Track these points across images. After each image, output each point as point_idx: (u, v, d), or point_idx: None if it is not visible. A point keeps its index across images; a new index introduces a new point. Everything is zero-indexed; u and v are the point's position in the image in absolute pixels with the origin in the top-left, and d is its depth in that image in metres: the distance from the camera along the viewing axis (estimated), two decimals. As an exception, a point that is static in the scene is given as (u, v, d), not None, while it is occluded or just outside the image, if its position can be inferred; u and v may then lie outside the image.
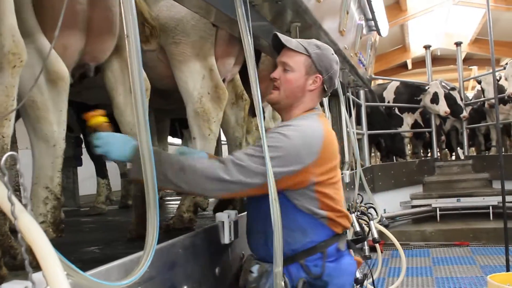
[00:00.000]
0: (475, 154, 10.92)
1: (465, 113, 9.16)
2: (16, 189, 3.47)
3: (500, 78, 8.71)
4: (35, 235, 0.96)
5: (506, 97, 8.15)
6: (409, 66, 15.95)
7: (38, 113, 1.81)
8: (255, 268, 1.95)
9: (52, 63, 1.86)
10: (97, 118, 1.96)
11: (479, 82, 9.49)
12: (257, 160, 1.83)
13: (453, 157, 11.64)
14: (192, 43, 2.71)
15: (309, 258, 1.95)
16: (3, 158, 0.96)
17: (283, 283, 1.74)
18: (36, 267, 0.98)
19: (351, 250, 2.15)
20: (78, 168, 4.61)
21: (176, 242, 1.78)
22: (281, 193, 1.93)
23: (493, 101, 7.19)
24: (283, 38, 2.10)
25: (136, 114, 1.41)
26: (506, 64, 8.48)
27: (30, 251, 0.98)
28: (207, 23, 2.70)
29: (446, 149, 11.44)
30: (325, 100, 4.11)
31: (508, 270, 5.13)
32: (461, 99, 9.33)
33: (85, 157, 4.20)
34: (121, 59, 2.33)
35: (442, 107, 8.99)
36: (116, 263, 1.41)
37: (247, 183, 1.83)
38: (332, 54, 2.18)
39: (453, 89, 9.26)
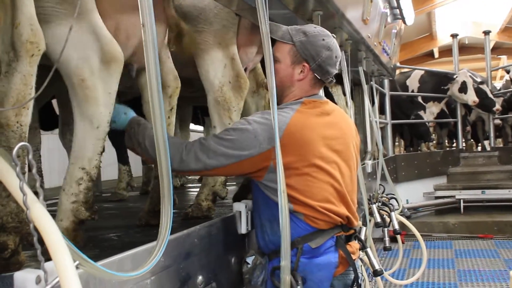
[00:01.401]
0: (501, 145, 10.71)
1: (497, 106, 8.97)
2: (39, 174, 3.54)
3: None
4: (46, 225, 0.97)
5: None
6: (436, 55, 15.69)
7: (86, 92, 1.80)
8: (250, 259, 1.96)
9: (107, 43, 1.85)
10: None
11: (508, 72, 9.29)
12: (221, 142, 1.88)
13: (479, 148, 11.45)
14: (215, 31, 2.69)
15: None
16: (15, 149, 0.96)
17: (288, 278, 1.70)
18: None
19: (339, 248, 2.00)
20: (100, 154, 4.65)
21: (192, 231, 1.78)
22: (254, 182, 1.99)
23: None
24: (271, 27, 2.01)
25: (151, 104, 1.41)
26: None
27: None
28: (229, 12, 2.68)
29: (472, 140, 11.25)
30: (347, 89, 4.07)
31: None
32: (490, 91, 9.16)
33: (107, 143, 4.23)
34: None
35: (471, 97, 8.81)
36: (130, 253, 1.42)
37: (206, 164, 1.88)
38: (323, 40, 2.07)
39: (481, 83, 9.07)
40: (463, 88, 8.91)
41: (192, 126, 6.14)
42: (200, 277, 1.75)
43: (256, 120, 1.92)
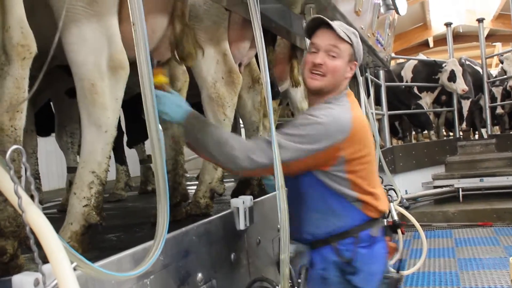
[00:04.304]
0: (499, 133, 10.72)
1: (464, 86, 8.98)
2: (36, 176, 3.54)
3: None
4: (42, 228, 0.97)
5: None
6: (431, 44, 15.68)
7: (95, 97, 1.82)
8: (292, 248, 1.95)
9: (118, 51, 1.87)
10: (159, 76, 1.97)
11: (502, 62, 9.30)
12: (292, 138, 1.89)
13: (476, 136, 11.46)
14: (205, 28, 2.69)
15: (341, 241, 1.96)
16: (8, 153, 0.96)
17: (287, 270, 1.73)
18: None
19: (386, 237, 2.12)
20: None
21: (190, 229, 1.79)
22: (314, 175, 1.98)
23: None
24: (333, 23, 2.07)
25: (144, 103, 1.41)
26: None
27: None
28: (219, 7, 2.67)
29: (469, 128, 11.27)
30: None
31: (531, 251, 5.07)
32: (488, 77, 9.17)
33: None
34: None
35: (460, 85, 8.82)
36: (128, 252, 1.42)
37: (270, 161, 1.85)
38: (360, 40, 2.20)
39: None
40: (451, 77, 8.92)
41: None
42: (199, 275, 1.75)
43: (322, 113, 1.96)
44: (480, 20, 9.98)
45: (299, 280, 2.26)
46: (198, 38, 2.69)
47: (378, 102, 7.97)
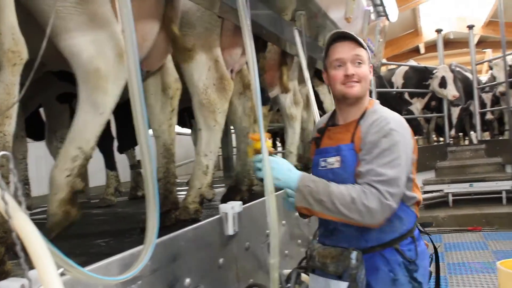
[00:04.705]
0: (488, 138, 10.81)
1: (454, 92, 9.06)
2: (25, 182, 3.52)
3: (514, 62, 8.61)
4: (28, 234, 0.98)
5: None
6: (422, 50, 15.79)
7: (99, 81, 1.87)
8: (354, 255, 1.98)
9: (121, 39, 1.90)
10: (267, 141, 2.00)
11: (491, 68, 9.41)
12: (391, 166, 1.90)
13: (466, 142, 11.53)
14: (198, 34, 2.71)
15: (402, 242, 2.02)
16: (-4, 159, 0.97)
17: (277, 275, 1.75)
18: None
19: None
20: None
21: (179, 234, 1.79)
22: None
23: (504, 89, 7.09)
24: (350, 33, 2.11)
25: (134, 109, 1.42)
26: (521, 47, 8.38)
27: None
28: (212, 14, 2.69)
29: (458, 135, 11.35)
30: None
31: (519, 256, 5.10)
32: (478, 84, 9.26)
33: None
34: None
35: (451, 91, 8.91)
36: (117, 258, 1.43)
37: (401, 191, 1.92)
38: None
39: None
40: (443, 83, 9.02)
41: (179, 129, 6.14)
42: (188, 280, 1.76)
43: (393, 128, 1.97)
44: (470, 27, 10.06)
45: (288, 285, 2.29)
46: (190, 44, 2.71)
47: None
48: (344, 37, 2.10)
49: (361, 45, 2.08)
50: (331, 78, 2.11)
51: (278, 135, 10.09)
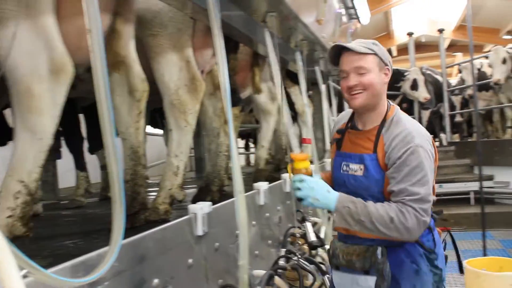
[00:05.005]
0: (458, 140, 11.02)
1: (426, 94, 9.23)
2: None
3: (482, 65, 8.80)
4: (-11, 234, 0.96)
5: (492, 84, 8.25)
6: (394, 53, 16.00)
7: (32, 102, 1.70)
8: (379, 251, 2.08)
9: (58, 53, 1.78)
10: (305, 162, 2.07)
11: (461, 71, 9.61)
12: (421, 183, 1.99)
13: (437, 143, 11.72)
14: (169, 35, 2.70)
15: (421, 234, 2.08)
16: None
17: (246, 276, 1.77)
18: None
19: None
20: (58, 160, 4.59)
21: (147, 235, 1.78)
22: None
23: (472, 92, 7.24)
24: (348, 45, 2.14)
25: (100, 108, 1.42)
26: (489, 51, 8.56)
27: None
28: (184, 15, 2.69)
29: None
30: (303, 89, 4.13)
31: (485, 255, 5.21)
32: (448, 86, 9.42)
33: (64, 149, 4.17)
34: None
35: (422, 93, 9.07)
36: (82, 259, 1.41)
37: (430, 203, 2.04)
38: None
39: None
40: (414, 86, 9.17)
41: (151, 129, 6.09)
42: (156, 280, 1.75)
43: (419, 144, 2.03)
44: (440, 31, 10.25)
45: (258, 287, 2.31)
46: (161, 45, 2.70)
47: (341, 110, 8.08)
48: (347, 48, 2.14)
49: (366, 53, 2.11)
50: (341, 88, 2.21)
51: (251, 135, 10.11)
